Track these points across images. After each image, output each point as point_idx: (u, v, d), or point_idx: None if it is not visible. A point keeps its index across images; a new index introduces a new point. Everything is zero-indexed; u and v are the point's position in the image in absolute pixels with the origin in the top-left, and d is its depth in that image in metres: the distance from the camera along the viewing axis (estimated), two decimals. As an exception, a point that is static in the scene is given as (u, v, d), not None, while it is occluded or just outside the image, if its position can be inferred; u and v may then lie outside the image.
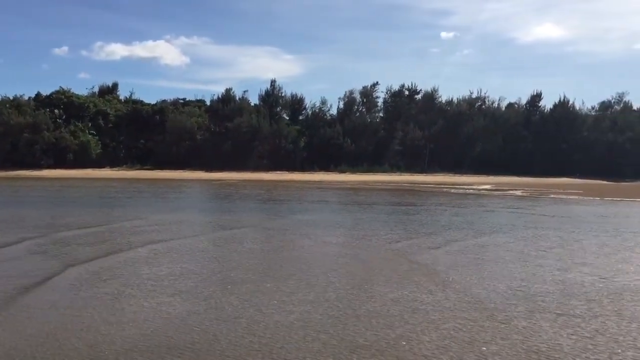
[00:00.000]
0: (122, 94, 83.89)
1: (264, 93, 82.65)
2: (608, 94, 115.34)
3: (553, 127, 79.80)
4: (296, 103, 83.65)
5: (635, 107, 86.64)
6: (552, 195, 38.52)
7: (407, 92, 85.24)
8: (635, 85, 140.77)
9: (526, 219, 21.89)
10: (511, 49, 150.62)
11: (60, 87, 75.56)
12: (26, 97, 73.46)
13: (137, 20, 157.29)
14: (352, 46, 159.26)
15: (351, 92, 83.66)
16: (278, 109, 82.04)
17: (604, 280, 10.24)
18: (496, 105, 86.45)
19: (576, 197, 37.52)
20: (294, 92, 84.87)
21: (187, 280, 9.86)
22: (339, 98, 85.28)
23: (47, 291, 8.98)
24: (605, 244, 15.08)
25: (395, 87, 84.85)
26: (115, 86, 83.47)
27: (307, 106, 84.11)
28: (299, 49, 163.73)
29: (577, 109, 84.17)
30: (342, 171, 71.47)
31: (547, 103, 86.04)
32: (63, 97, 73.13)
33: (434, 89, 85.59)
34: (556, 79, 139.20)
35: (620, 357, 6.22)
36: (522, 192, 42.05)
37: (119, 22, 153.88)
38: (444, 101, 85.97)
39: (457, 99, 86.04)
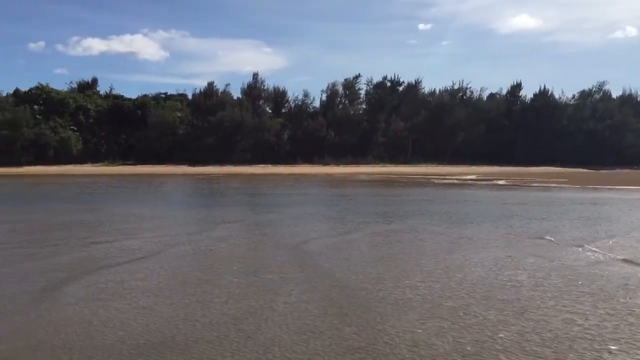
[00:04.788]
0: (102, 89, 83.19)
1: (246, 86, 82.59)
2: (588, 84, 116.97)
3: (533, 116, 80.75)
4: (279, 96, 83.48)
5: (614, 96, 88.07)
6: (535, 184, 38.95)
7: (389, 84, 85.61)
8: (613, 74, 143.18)
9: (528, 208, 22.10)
10: (490, 40, 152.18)
11: (39, 82, 74.60)
12: (4, 94, 72.42)
13: (113, 14, 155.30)
14: (332, 38, 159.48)
15: (334, 85, 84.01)
16: (261, 102, 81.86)
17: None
18: (478, 96, 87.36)
19: (563, 185, 37.99)
20: (276, 85, 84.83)
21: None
22: (322, 90, 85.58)
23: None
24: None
25: (377, 79, 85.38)
26: (94, 81, 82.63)
27: (289, 99, 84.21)
28: (280, 41, 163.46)
29: (557, 98, 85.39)
30: (326, 163, 71.53)
31: (527, 93, 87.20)
32: (42, 92, 72.09)
33: (417, 80, 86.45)
34: (536, 69, 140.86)
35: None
36: (507, 181, 42.46)
37: (95, 16, 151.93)
38: (426, 92, 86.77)
39: (440, 90, 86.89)
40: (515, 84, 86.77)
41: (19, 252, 11.86)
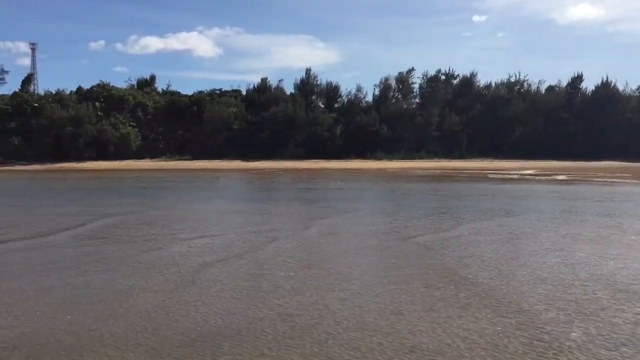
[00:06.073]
0: (159, 86, 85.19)
1: (299, 82, 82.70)
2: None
3: (595, 109, 77.80)
4: (331, 91, 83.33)
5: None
6: (597, 179, 37.56)
7: (443, 77, 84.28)
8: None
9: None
10: (548, 31, 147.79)
11: (100, 80, 77.12)
12: (68, 91, 75.20)
13: (169, 12, 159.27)
14: (385, 32, 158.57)
15: (386, 79, 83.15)
16: (313, 97, 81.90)
17: None
18: (536, 89, 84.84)
19: (628, 180, 36.50)
20: (329, 80, 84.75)
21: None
22: (375, 85, 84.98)
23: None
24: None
25: (431, 73, 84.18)
26: (153, 78, 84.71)
27: (342, 94, 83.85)
28: (332, 36, 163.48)
29: (621, 90, 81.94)
30: (379, 158, 71.03)
31: (588, 85, 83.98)
32: (103, 90, 74.53)
33: (472, 73, 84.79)
34: (597, 60, 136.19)
35: None
36: (568, 176, 41.05)
37: (152, 15, 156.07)
38: (481, 85, 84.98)
39: (496, 82, 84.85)
40: (575, 75, 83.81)
41: (140, 247, 12.44)
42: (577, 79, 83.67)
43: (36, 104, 69.51)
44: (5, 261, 10.83)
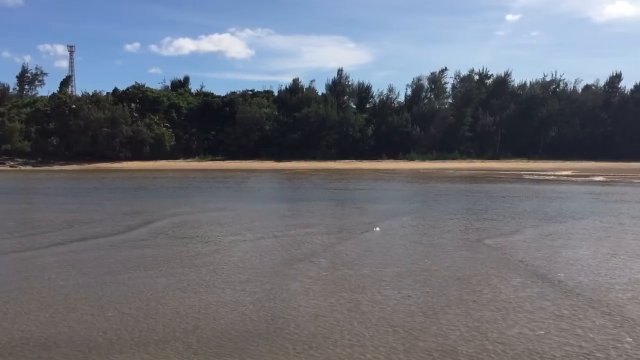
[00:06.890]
0: (193, 87, 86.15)
1: (331, 82, 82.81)
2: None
3: (634, 108, 75.89)
4: (363, 91, 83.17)
5: None
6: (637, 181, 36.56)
7: (477, 77, 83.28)
8: None
9: None
10: (583, 30, 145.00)
11: (136, 82, 78.52)
12: (104, 93, 76.79)
13: (202, 14, 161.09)
14: (417, 32, 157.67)
15: (419, 79, 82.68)
16: (345, 98, 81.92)
17: None
18: (572, 88, 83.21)
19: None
20: (360, 81, 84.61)
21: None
22: (407, 85, 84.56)
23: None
24: None
25: (464, 72, 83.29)
26: (186, 80, 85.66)
27: (374, 94, 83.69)
28: (363, 36, 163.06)
29: (661, 89, 79.59)
30: (411, 159, 70.69)
31: (627, 84, 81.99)
32: (138, 91, 75.81)
33: (506, 72, 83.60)
34: (636, 59, 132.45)
35: None
36: (606, 177, 40.04)
37: (185, 18, 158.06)
38: (516, 85, 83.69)
39: (531, 82, 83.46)
40: (614, 74, 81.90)
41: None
42: (616, 78, 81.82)
43: (74, 105, 71.13)
44: (47, 262, 11.03)
